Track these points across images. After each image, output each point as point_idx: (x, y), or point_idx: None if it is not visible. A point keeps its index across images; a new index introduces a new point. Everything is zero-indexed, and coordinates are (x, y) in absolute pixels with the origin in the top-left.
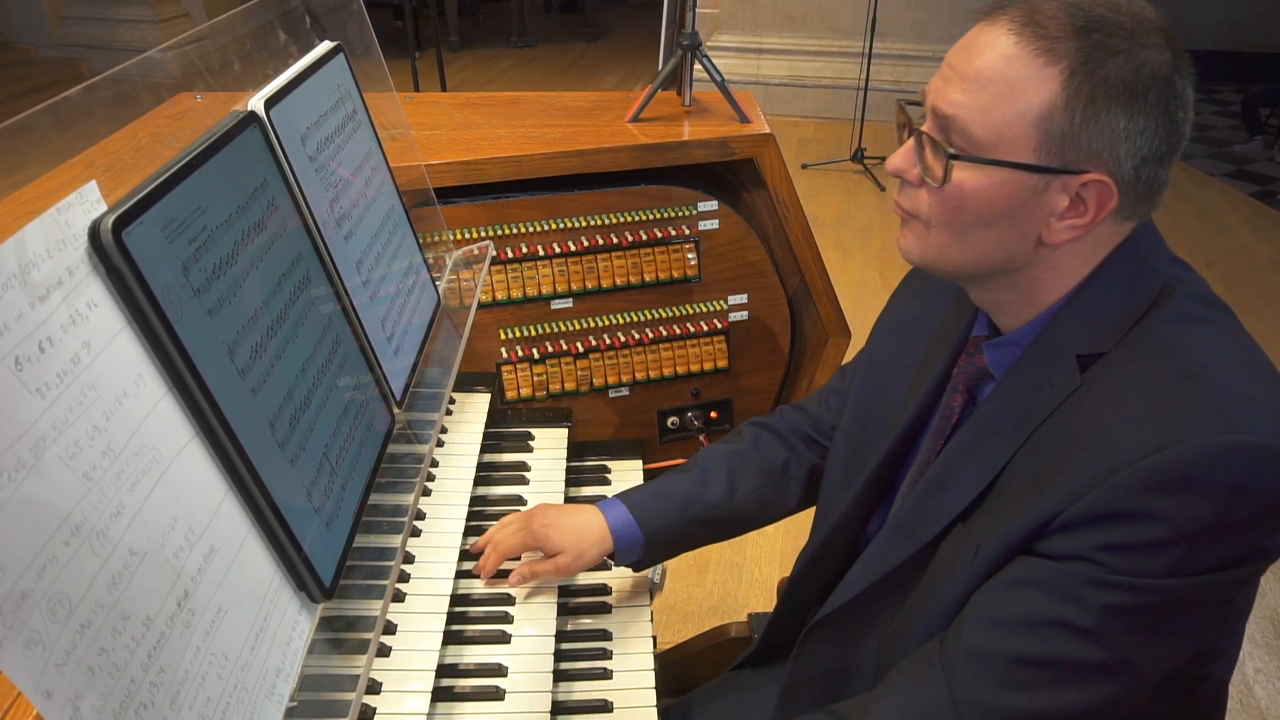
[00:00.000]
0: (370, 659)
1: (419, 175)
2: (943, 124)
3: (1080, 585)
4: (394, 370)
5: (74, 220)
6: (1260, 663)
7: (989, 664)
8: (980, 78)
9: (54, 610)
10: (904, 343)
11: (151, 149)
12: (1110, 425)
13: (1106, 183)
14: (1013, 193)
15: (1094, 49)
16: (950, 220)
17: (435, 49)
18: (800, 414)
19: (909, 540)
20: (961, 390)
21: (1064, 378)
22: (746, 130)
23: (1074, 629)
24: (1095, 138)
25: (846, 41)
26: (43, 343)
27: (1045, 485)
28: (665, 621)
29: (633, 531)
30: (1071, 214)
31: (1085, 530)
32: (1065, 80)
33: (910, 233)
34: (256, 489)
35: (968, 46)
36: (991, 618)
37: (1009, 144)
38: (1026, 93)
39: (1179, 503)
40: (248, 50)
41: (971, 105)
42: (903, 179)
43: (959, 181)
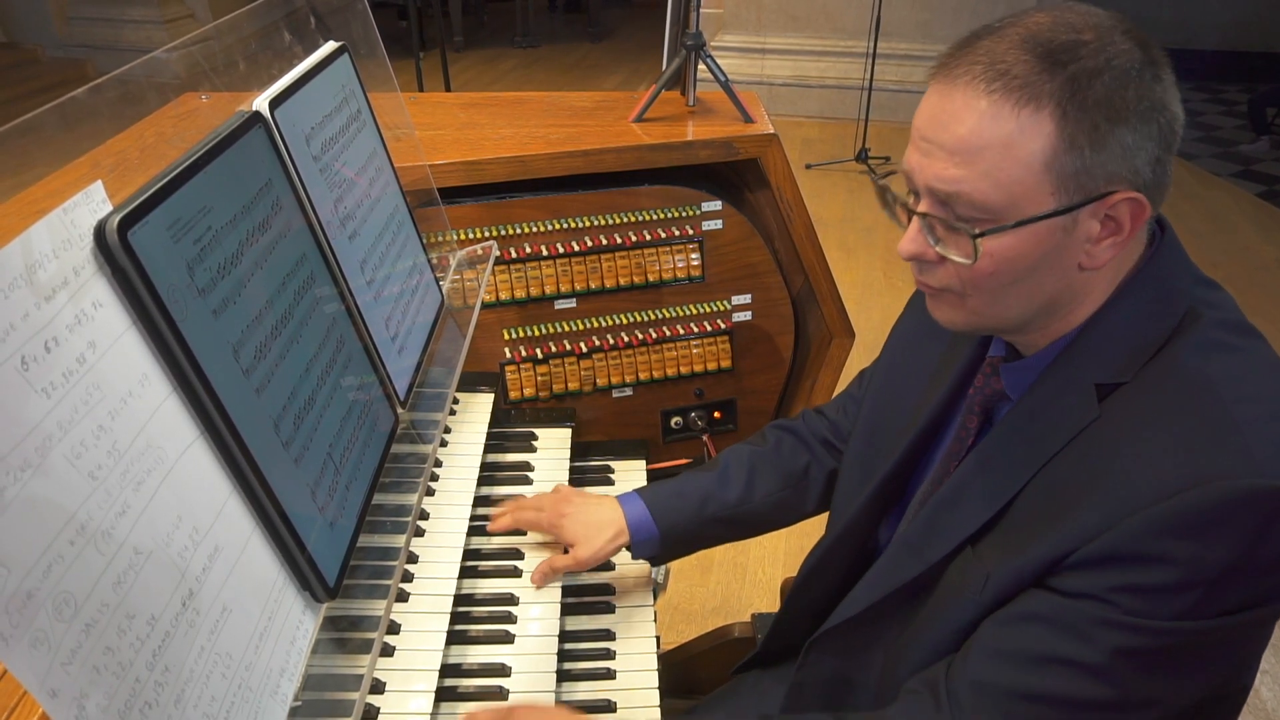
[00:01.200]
0: (374, 658)
1: (423, 175)
2: (944, 200)
3: (1090, 624)
4: (398, 370)
5: (80, 220)
6: (1266, 664)
7: (993, 697)
8: (969, 146)
9: (59, 609)
10: (918, 351)
11: (157, 149)
12: (1129, 463)
13: (1134, 196)
14: (1045, 240)
15: (1074, 80)
16: (986, 285)
17: (439, 49)
18: (821, 419)
19: (917, 559)
20: (978, 412)
21: (1082, 408)
22: (750, 130)
23: (1082, 667)
24: (1109, 161)
25: (851, 41)
26: (48, 342)
27: (1059, 520)
28: (669, 622)
29: (649, 528)
30: (1107, 234)
31: (1099, 570)
32: (1059, 119)
33: (945, 305)
34: (261, 489)
35: (938, 116)
36: (998, 650)
37: (1026, 199)
38: (1024, 145)
39: (1197, 547)
40: (253, 50)
41: (972, 176)
42: (921, 261)
43: (988, 251)
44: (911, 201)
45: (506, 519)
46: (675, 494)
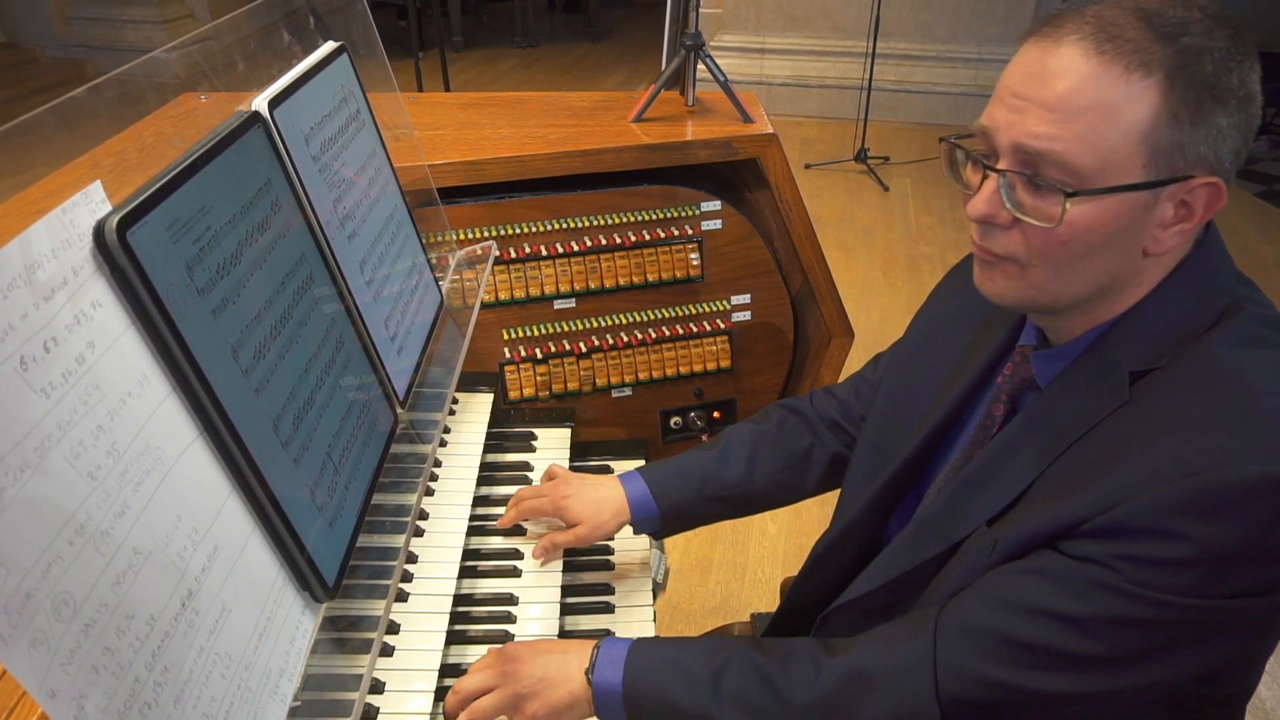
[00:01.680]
0: (373, 658)
1: (422, 175)
2: (1030, 159)
3: (1090, 586)
4: (397, 370)
5: (79, 220)
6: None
7: (980, 637)
8: (1068, 105)
9: (58, 610)
10: (942, 340)
11: (156, 149)
12: (1152, 441)
13: (1215, 183)
14: (1124, 215)
15: (1184, 52)
16: (1056, 255)
17: (439, 49)
18: (830, 399)
19: (937, 539)
20: (1005, 400)
21: (1114, 394)
22: (749, 130)
23: (1072, 622)
24: (1203, 142)
25: (850, 41)
26: (47, 342)
27: (1077, 491)
28: (668, 622)
29: (649, 506)
30: (1178, 220)
31: (1108, 539)
32: (1166, 90)
33: (1000, 275)
34: (260, 489)
35: (1039, 72)
36: (995, 596)
37: (1117, 167)
38: (1127, 110)
39: (1210, 526)
40: (252, 50)
41: (1067, 135)
42: (989, 224)
43: (1071, 218)
44: (987, 160)
45: (512, 513)
46: (676, 473)
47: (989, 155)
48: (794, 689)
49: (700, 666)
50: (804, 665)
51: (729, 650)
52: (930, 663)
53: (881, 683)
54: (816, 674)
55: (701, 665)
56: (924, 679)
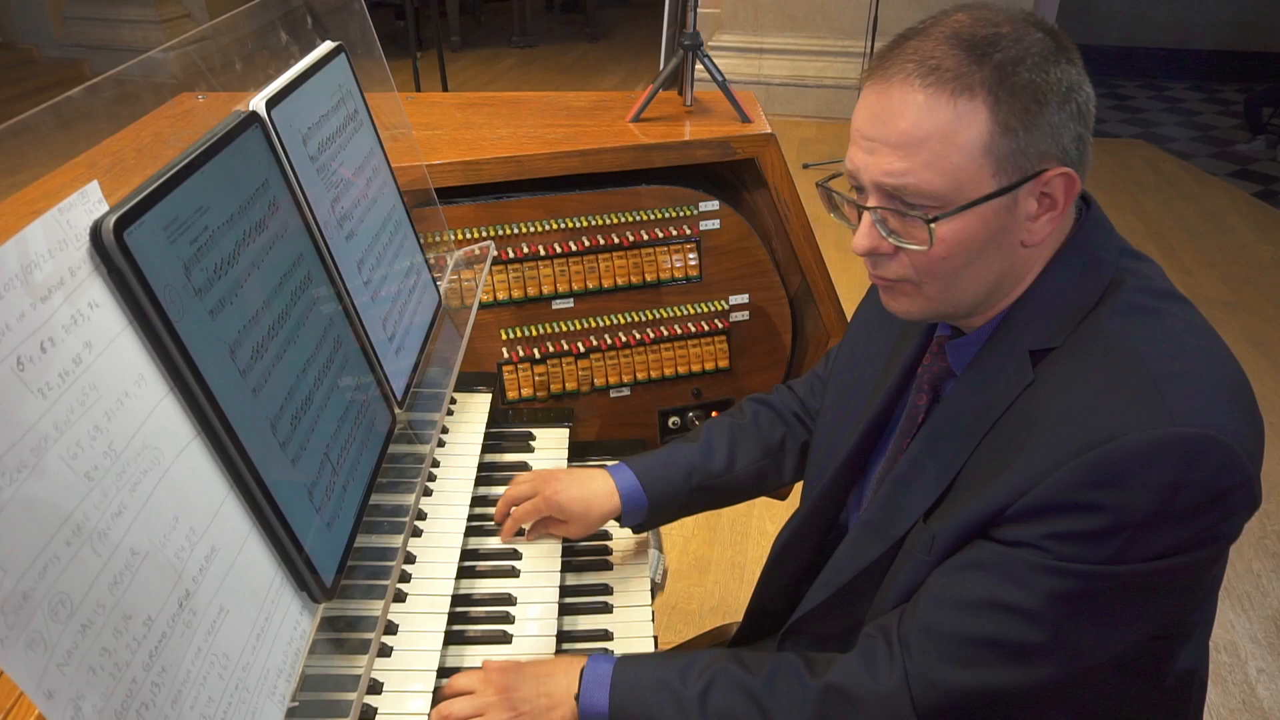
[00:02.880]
0: (371, 659)
1: (420, 175)
2: (893, 193)
3: (1027, 570)
4: (395, 370)
5: (76, 220)
6: (1263, 663)
7: (939, 641)
8: (910, 139)
9: (55, 610)
10: (876, 336)
11: (153, 149)
12: (1056, 419)
13: (1066, 172)
14: (990, 221)
15: (1000, 67)
16: (940, 270)
17: (436, 49)
18: (791, 395)
19: (879, 538)
20: (926, 389)
21: (1018, 373)
22: (748, 130)
23: (1018, 611)
24: (1041, 140)
25: (848, 41)
26: (44, 343)
27: (997, 476)
28: (666, 621)
29: (639, 497)
30: (1044, 210)
31: (1033, 520)
32: (992, 106)
33: (902, 296)
34: (258, 489)
35: (879, 114)
36: (943, 597)
37: (969, 184)
38: (963, 132)
39: (1120, 495)
40: (249, 50)
41: (916, 167)
42: (874, 255)
43: (940, 236)
44: (859, 198)
45: (511, 524)
46: (663, 464)
47: (860, 192)
48: (780, 709)
49: (686, 687)
50: (789, 684)
51: (714, 668)
52: (904, 679)
53: (863, 704)
54: (802, 694)
55: (687, 685)
56: (902, 697)
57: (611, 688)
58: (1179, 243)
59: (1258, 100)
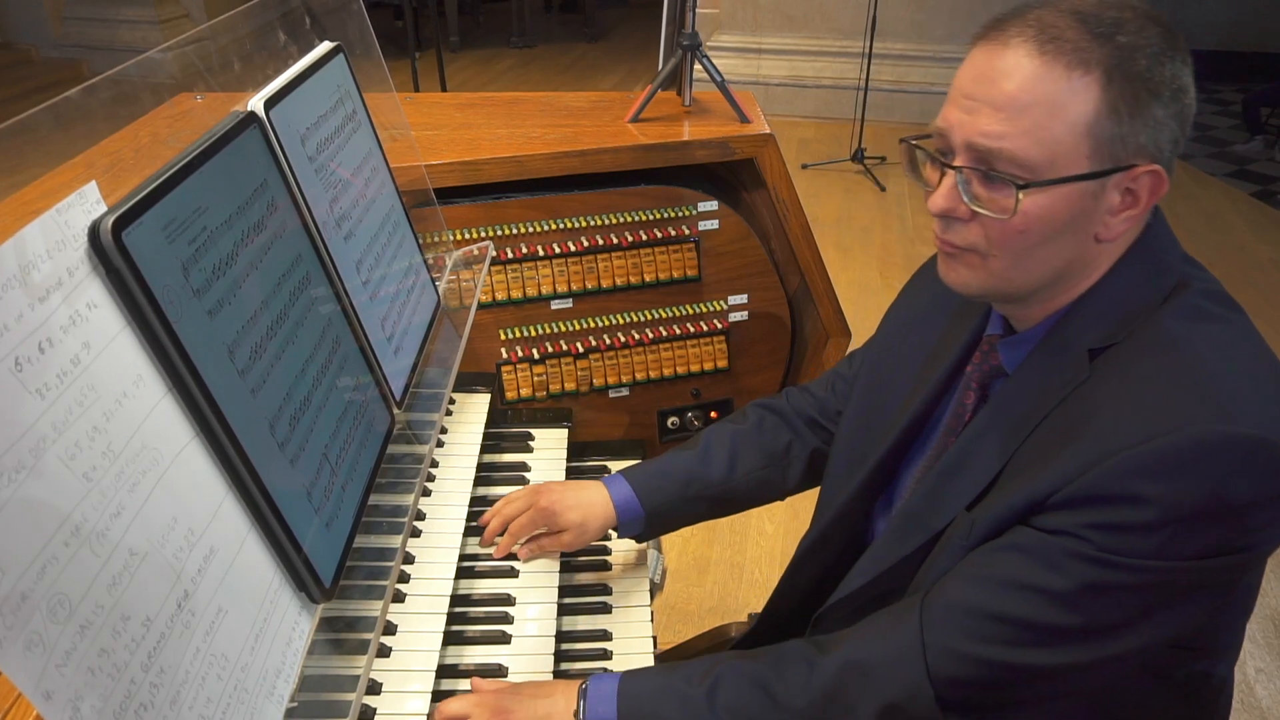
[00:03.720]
0: (370, 659)
1: (419, 175)
2: (983, 156)
3: (1064, 556)
4: (394, 370)
5: (74, 221)
6: (1261, 662)
7: (963, 615)
8: (1016, 103)
9: (54, 611)
10: (915, 334)
11: (152, 149)
12: (1111, 412)
13: (1157, 171)
14: (1074, 203)
15: (1120, 50)
16: (1013, 244)
17: (435, 49)
18: (806, 396)
19: (920, 529)
20: (975, 388)
21: (1074, 369)
22: (746, 130)
23: (1051, 595)
24: (1142, 132)
25: (846, 41)
26: (43, 343)
27: (1043, 466)
28: (665, 622)
29: (634, 508)
30: (1125, 206)
31: (1077, 509)
32: (1105, 85)
33: (963, 266)
34: (256, 489)
35: (986, 74)
36: (974, 575)
37: (1064, 159)
38: (1070, 105)
39: (1169, 488)
40: (248, 51)
41: (1015, 132)
42: (949, 218)
43: (1025, 208)
44: (944, 158)
45: (507, 539)
46: (659, 474)
47: (946, 153)
48: (790, 692)
49: (693, 687)
50: (797, 666)
51: (720, 666)
52: (919, 646)
53: (875, 671)
54: (811, 673)
55: (694, 686)
56: (915, 663)
57: (619, 699)
58: None
59: (1256, 100)
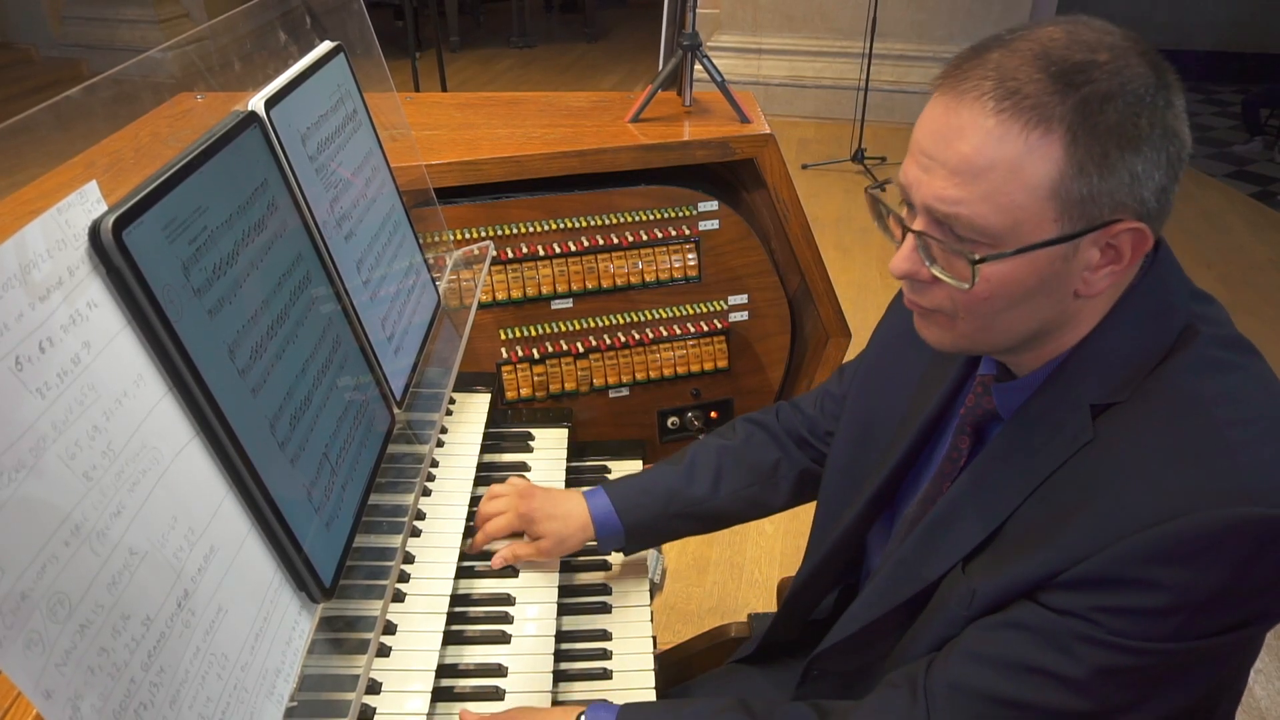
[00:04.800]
0: (370, 659)
1: (419, 175)
2: (942, 220)
3: (1074, 640)
4: (394, 370)
5: (74, 220)
6: (1260, 663)
7: (968, 699)
8: (972, 167)
9: (54, 610)
10: (902, 355)
11: (152, 149)
12: (1121, 485)
13: (1138, 227)
14: (1043, 268)
15: (1085, 103)
16: (980, 310)
17: (435, 49)
18: (797, 414)
19: (914, 579)
20: (969, 432)
21: (1076, 428)
22: (747, 130)
23: (1061, 679)
24: (1117, 190)
25: (846, 42)
26: (43, 343)
27: (1050, 539)
28: (665, 622)
29: (613, 523)
30: (1106, 262)
31: (1087, 591)
32: (1069, 145)
33: (934, 326)
34: (256, 489)
35: (942, 131)
36: (979, 654)
37: (1029, 225)
38: (1030, 168)
39: (1185, 574)
40: (248, 50)
41: (972, 198)
42: (913, 280)
43: (985, 276)
44: (906, 216)
45: (480, 536)
46: (641, 490)
47: (909, 209)
48: None
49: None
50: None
51: (724, 716)
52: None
53: None
54: None
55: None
56: None
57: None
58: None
59: (1255, 101)
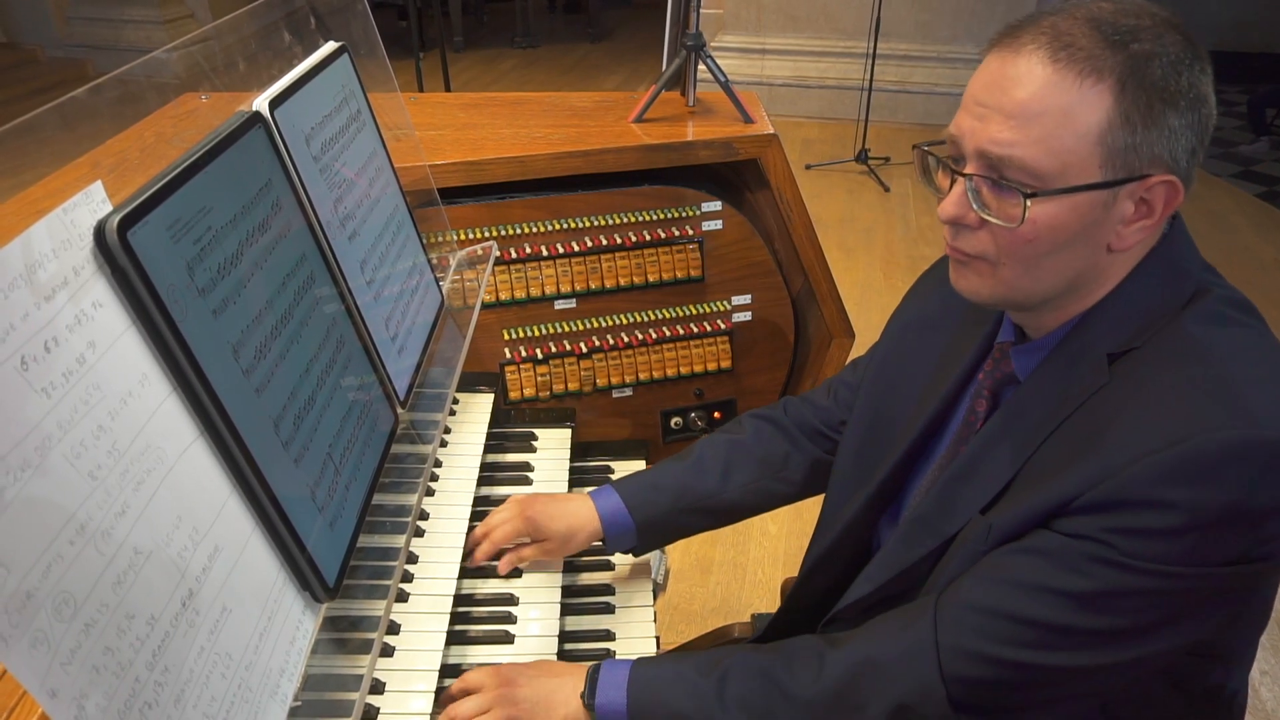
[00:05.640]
0: (374, 659)
1: (423, 175)
2: (994, 164)
3: (1086, 560)
4: (397, 370)
5: (80, 220)
6: (1266, 664)
7: (980, 615)
8: (1027, 111)
9: (59, 609)
10: (921, 340)
11: (157, 149)
12: (1134, 417)
13: (1172, 181)
14: (1085, 213)
15: (1134, 58)
16: (1023, 254)
17: (439, 49)
18: (807, 407)
19: (931, 534)
20: (987, 395)
21: (1093, 375)
22: (750, 130)
23: (1071, 597)
24: (1156, 142)
25: (850, 42)
26: (48, 342)
27: (1066, 470)
28: (668, 622)
29: (624, 520)
30: (1138, 217)
31: (1100, 514)
32: (1117, 94)
33: (973, 274)
34: (260, 489)
35: (999, 81)
36: (992, 576)
37: (1075, 168)
38: (1082, 114)
39: (1195, 493)
40: (253, 51)
41: (1026, 140)
42: (958, 224)
43: (1033, 217)
44: (955, 165)
45: (486, 545)
46: (650, 486)
47: (958, 160)
48: (799, 685)
49: (704, 677)
50: (807, 660)
51: (731, 657)
52: (933, 644)
53: (886, 668)
54: (821, 667)
55: (705, 675)
56: (928, 661)
57: (629, 684)
58: None
59: (1261, 101)
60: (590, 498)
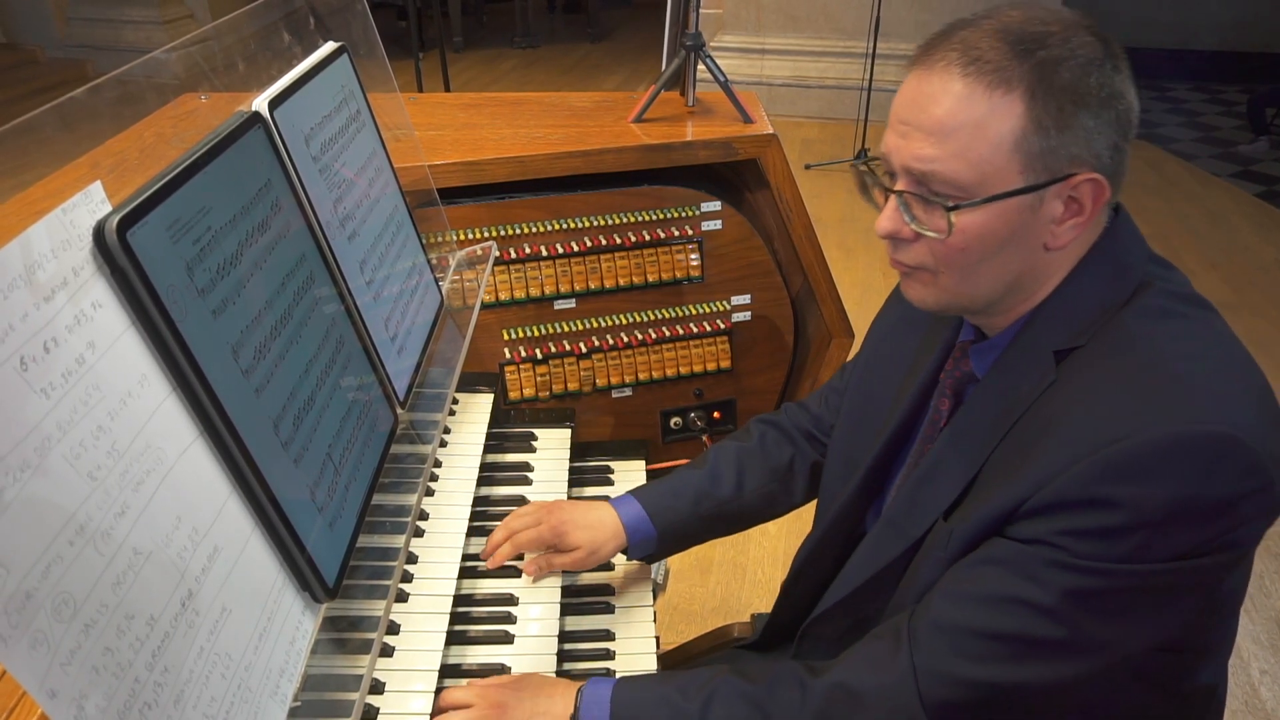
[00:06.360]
0: (373, 659)
1: (422, 176)
2: (920, 179)
3: (1042, 566)
4: (397, 371)
5: (79, 220)
6: (1266, 664)
7: (949, 635)
8: (943, 126)
9: (59, 610)
10: (896, 342)
11: (156, 149)
12: (1076, 416)
13: (1096, 178)
14: (1013, 218)
15: (1042, 65)
16: (958, 261)
17: (439, 50)
18: (803, 412)
19: (900, 537)
20: (949, 394)
21: (1041, 373)
22: (750, 130)
23: (1034, 607)
24: (1073, 143)
25: (850, 42)
26: (48, 343)
27: (1016, 474)
28: (668, 622)
29: (646, 527)
30: (1069, 215)
31: (1049, 516)
32: (1028, 102)
33: (917, 283)
34: (260, 489)
35: (917, 98)
36: (956, 592)
37: (995, 177)
38: (995, 125)
39: (1139, 491)
40: (252, 51)
41: (945, 155)
42: (895, 239)
43: (960, 226)
44: (888, 182)
45: (507, 548)
46: (670, 493)
47: (891, 176)
48: (782, 713)
49: (688, 701)
50: (790, 688)
51: (715, 681)
52: (910, 671)
53: (867, 697)
54: (804, 696)
55: (689, 700)
56: (908, 689)
57: (612, 704)
58: (1182, 244)
59: (1260, 101)
60: (613, 507)
